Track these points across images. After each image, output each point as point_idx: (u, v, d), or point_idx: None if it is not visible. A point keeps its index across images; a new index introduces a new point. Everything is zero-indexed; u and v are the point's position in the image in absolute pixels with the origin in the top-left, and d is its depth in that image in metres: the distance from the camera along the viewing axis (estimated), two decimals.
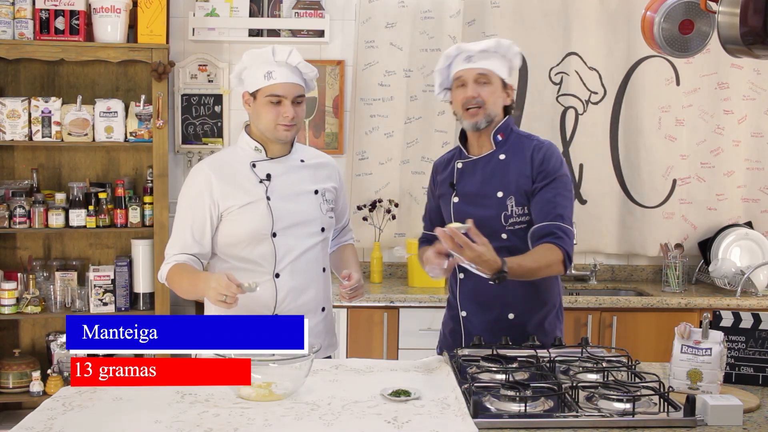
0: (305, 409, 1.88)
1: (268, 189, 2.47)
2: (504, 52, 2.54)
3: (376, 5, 4.20)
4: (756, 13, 2.25)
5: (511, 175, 2.50)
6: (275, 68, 2.43)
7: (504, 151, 2.54)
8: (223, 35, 4.18)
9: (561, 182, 2.47)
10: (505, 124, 2.56)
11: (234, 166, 2.50)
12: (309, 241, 2.50)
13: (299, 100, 2.46)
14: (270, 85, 2.43)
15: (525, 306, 2.52)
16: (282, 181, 2.50)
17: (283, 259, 2.46)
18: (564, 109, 4.29)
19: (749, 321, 2.26)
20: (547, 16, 4.23)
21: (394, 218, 4.23)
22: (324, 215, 2.54)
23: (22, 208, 3.85)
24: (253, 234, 2.44)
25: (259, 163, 2.50)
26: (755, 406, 2.01)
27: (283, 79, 2.43)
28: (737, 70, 4.26)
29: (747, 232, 4.23)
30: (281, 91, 2.42)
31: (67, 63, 4.01)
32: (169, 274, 2.44)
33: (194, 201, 2.46)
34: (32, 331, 4.16)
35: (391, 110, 4.24)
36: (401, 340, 3.82)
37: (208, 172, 2.47)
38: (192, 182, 2.50)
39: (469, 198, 2.55)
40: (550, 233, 2.40)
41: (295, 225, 2.48)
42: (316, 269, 2.54)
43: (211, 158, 2.57)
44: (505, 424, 1.83)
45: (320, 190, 2.55)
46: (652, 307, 3.85)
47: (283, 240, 2.46)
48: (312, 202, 2.53)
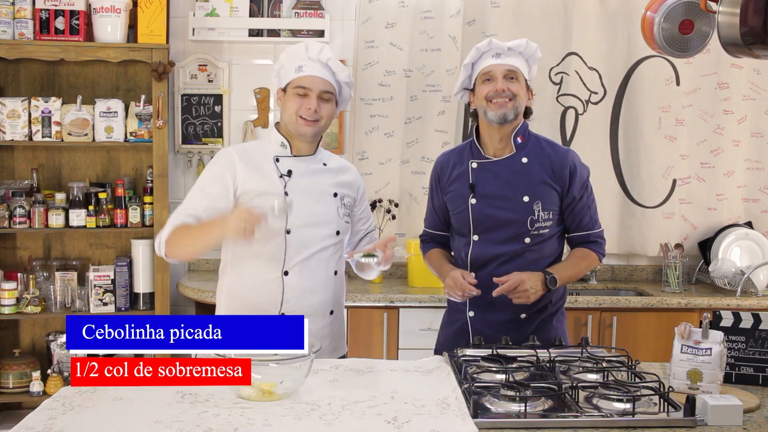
0: (305, 409, 1.88)
1: (287, 185, 2.47)
2: (530, 54, 2.56)
3: (376, 5, 4.20)
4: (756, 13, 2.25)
5: (535, 179, 2.52)
6: (306, 63, 2.47)
7: (525, 154, 2.56)
8: (223, 35, 4.18)
9: (590, 188, 2.62)
10: (524, 126, 2.58)
11: (258, 157, 2.51)
12: (322, 243, 2.49)
13: (326, 96, 2.47)
14: (299, 77, 2.46)
15: (537, 305, 2.53)
16: (302, 180, 2.50)
17: (294, 257, 2.45)
18: (564, 109, 4.29)
19: (749, 321, 2.26)
20: (547, 16, 4.23)
21: (394, 218, 4.23)
22: (341, 219, 2.54)
23: (22, 208, 3.85)
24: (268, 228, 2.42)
25: (282, 158, 2.51)
26: (755, 406, 2.01)
27: (312, 72, 2.45)
28: (737, 70, 4.26)
29: (747, 232, 4.23)
30: (308, 83, 2.45)
31: (67, 63, 4.01)
32: (172, 234, 2.39)
33: (214, 178, 2.47)
34: (32, 331, 4.16)
35: (391, 110, 4.24)
36: (401, 340, 3.82)
37: (233, 154, 2.50)
38: (216, 161, 2.52)
39: (488, 200, 2.54)
40: (591, 242, 2.62)
41: (311, 225, 2.47)
42: (327, 272, 2.53)
43: (237, 145, 2.62)
44: (505, 424, 1.83)
45: (339, 193, 2.55)
46: (652, 307, 3.85)
47: (296, 238, 2.45)
48: (330, 204, 2.52)
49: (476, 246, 2.56)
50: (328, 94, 2.47)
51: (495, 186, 2.54)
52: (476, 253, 2.56)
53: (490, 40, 2.55)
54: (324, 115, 2.47)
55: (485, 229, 2.55)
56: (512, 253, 2.52)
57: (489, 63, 2.53)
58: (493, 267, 2.53)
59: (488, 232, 2.55)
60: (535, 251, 2.53)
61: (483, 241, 2.55)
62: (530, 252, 2.53)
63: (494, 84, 2.50)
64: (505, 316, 2.54)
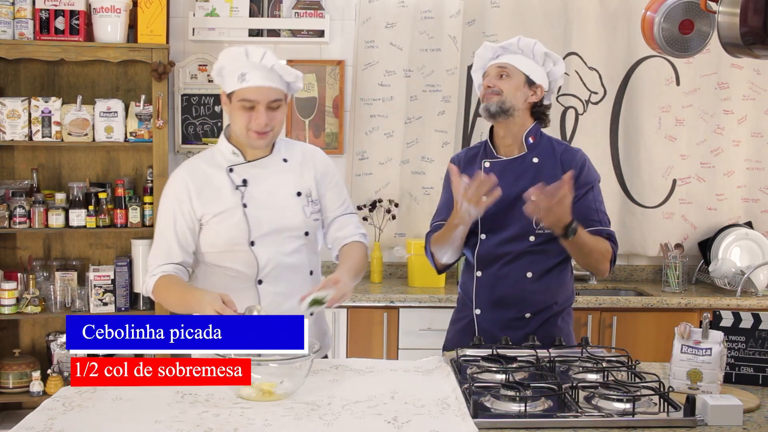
0: (305, 409, 1.88)
1: (244, 196, 2.35)
2: (525, 49, 2.57)
3: (376, 5, 4.20)
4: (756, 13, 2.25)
5: (543, 178, 2.51)
6: (249, 70, 2.26)
7: (536, 155, 2.57)
8: (223, 35, 4.18)
9: (597, 191, 2.60)
10: (535, 128, 2.60)
11: (210, 172, 2.38)
12: (291, 247, 2.39)
13: (275, 105, 2.29)
14: (242, 89, 2.26)
15: (543, 304, 2.53)
16: (261, 186, 2.37)
17: (266, 266, 2.36)
18: (564, 109, 4.29)
19: (749, 321, 2.26)
20: (547, 16, 4.23)
21: (394, 218, 4.23)
22: (308, 218, 2.41)
23: (22, 208, 3.85)
24: (230, 243, 2.34)
25: (236, 167, 2.38)
26: (755, 406, 2.01)
27: (257, 83, 2.25)
28: (737, 70, 4.26)
29: (747, 232, 4.23)
30: (254, 95, 2.25)
31: (67, 63, 4.01)
32: (156, 287, 2.33)
33: (174, 207, 2.36)
34: (32, 331, 4.16)
35: (391, 110, 4.24)
36: (401, 340, 3.82)
37: (185, 177, 2.37)
38: (170, 188, 2.39)
39: (499, 199, 2.54)
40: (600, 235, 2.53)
41: (275, 232, 2.36)
42: (302, 274, 2.43)
43: (188, 163, 2.44)
44: (505, 424, 1.83)
45: (304, 191, 2.42)
46: (652, 307, 3.85)
47: (263, 248, 2.35)
48: (294, 206, 2.40)
49: (483, 244, 2.57)
50: (276, 102, 2.29)
51: (504, 185, 2.53)
52: (483, 251, 2.57)
53: (484, 45, 2.62)
54: (276, 124, 2.32)
55: (492, 227, 2.55)
56: (518, 251, 2.53)
57: (488, 64, 2.62)
58: (498, 266, 2.54)
59: (495, 231, 2.55)
60: (541, 250, 2.53)
61: (490, 240, 2.56)
62: (536, 251, 2.53)
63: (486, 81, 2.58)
64: (511, 314, 2.54)
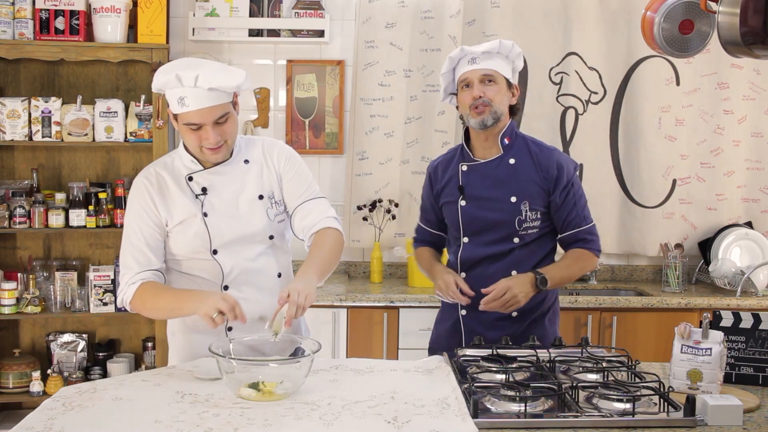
0: (305, 409, 1.88)
1: (204, 205, 2.30)
2: (506, 52, 2.56)
3: (376, 5, 4.20)
4: (756, 13, 2.25)
5: (522, 179, 2.53)
6: (187, 94, 2.17)
7: (512, 155, 2.57)
8: (223, 35, 4.17)
9: (576, 185, 2.58)
10: (510, 127, 2.59)
11: (169, 180, 2.33)
12: (256, 251, 2.34)
13: (222, 120, 2.22)
14: (185, 113, 2.19)
15: (528, 303, 2.52)
16: (221, 194, 2.31)
17: (230, 273, 2.31)
18: (564, 109, 4.29)
19: (749, 321, 2.26)
20: (547, 16, 4.23)
21: (394, 218, 4.23)
22: (272, 221, 2.35)
23: (22, 208, 3.85)
24: (192, 252, 2.30)
25: (195, 174, 2.32)
26: (755, 406, 2.01)
27: (197, 106, 2.17)
28: (737, 70, 4.26)
29: (747, 232, 4.22)
30: (197, 119, 2.19)
31: (67, 63, 4.01)
32: (137, 295, 2.25)
33: (140, 215, 2.31)
34: (32, 331, 4.16)
35: (391, 110, 4.24)
36: (401, 340, 3.82)
37: (146, 184, 2.32)
38: (134, 196, 2.35)
39: (478, 202, 2.56)
40: (581, 240, 2.57)
41: (238, 239, 2.31)
42: (269, 277, 2.37)
43: (148, 170, 2.38)
44: (505, 424, 1.84)
45: (266, 193, 2.35)
46: (652, 307, 3.85)
47: (226, 256, 2.30)
48: (257, 210, 2.33)
49: (466, 248, 2.58)
50: (223, 117, 2.22)
51: (483, 188, 2.55)
52: (466, 254, 2.59)
53: (461, 48, 2.57)
54: (228, 136, 2.26)
55: (475, 231, 2.57)
56: (501, 253, 2.54)
57: (465, 69, 2.54)
58: (482, 267, 2.56)
59: (478, 234, 2.57)
60: (525, 251, 2.54)
61: (473, 243, 2.58)
62: (519, 252, 2.54)
63: (471, 91, 2.52)
64: (497, 314, 2.53)
